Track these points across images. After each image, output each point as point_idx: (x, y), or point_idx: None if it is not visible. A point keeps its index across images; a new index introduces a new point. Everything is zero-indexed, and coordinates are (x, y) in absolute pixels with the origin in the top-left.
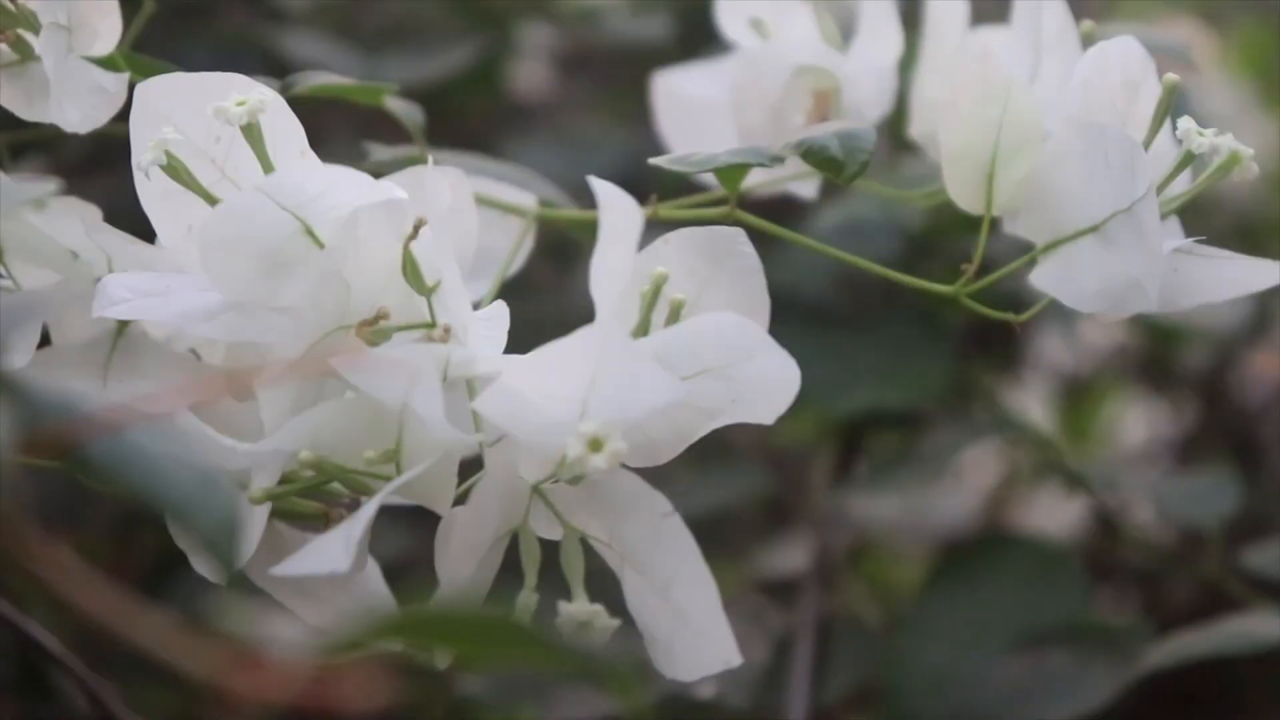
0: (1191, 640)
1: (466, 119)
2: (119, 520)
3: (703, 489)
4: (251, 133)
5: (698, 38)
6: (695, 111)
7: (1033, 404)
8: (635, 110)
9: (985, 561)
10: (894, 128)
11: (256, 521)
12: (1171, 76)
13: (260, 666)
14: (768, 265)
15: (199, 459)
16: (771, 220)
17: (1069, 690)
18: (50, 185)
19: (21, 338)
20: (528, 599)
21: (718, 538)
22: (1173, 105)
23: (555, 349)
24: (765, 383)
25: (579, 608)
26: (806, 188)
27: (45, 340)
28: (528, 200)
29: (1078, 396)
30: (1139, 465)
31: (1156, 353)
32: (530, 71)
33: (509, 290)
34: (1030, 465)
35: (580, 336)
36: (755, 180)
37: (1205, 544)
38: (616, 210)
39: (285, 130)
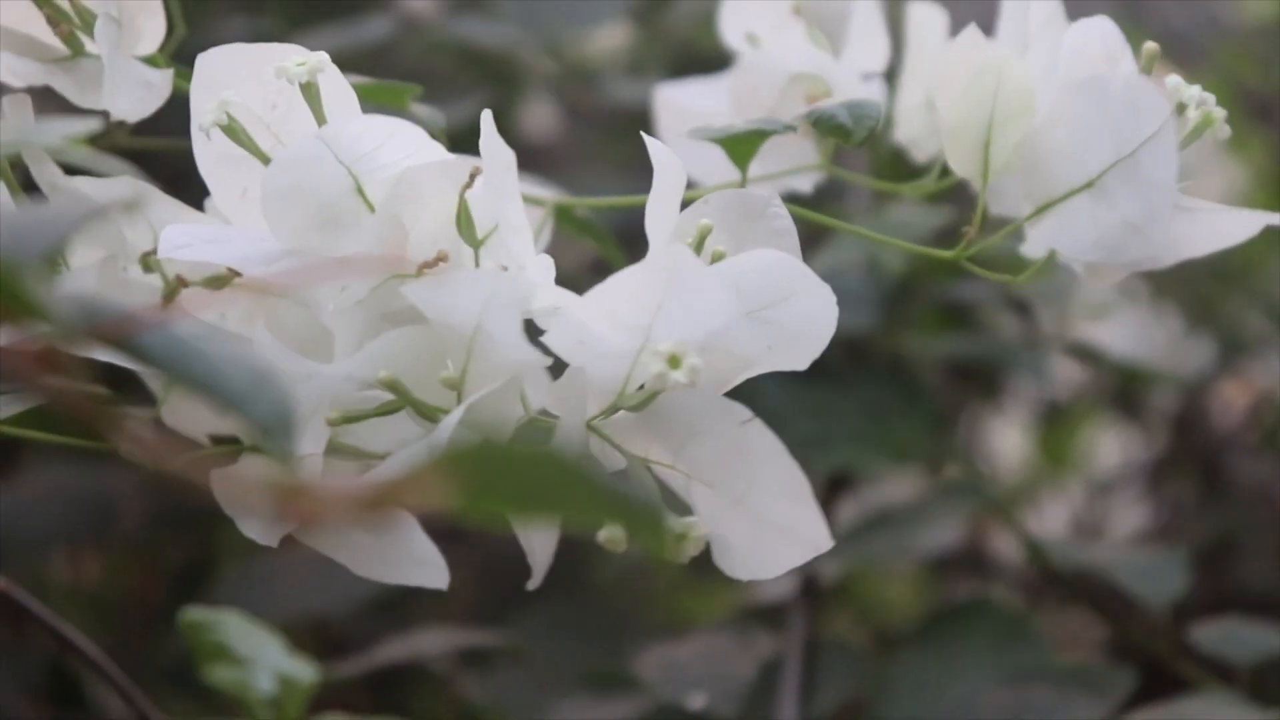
0: None
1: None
2: (145, 536)
3: None
4: (310, 91)
5: None
6: (694, 123)
7: (1012, 431)
8: (635, 157)
9: (952, 626)
10: (879, 167)
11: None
12: (1151, 45)
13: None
14: None
15: (251, 356)
16: None
17: (1054, 713)
18: (93, 122)
19: (74, 240)
20: (612, 533)
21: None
22: (1154, 68)
23: (619, 278)
24: (804, 321)
25: (675, 521)
26: (804, 182)
27: None
28: (547, 193)
29: (1055, 424)
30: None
31: (1127, 385)
32: (537, 114)
33: None
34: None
35: (644, 263)
36: (755, 174)
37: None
38: (667, 165)
39: (341, 93)
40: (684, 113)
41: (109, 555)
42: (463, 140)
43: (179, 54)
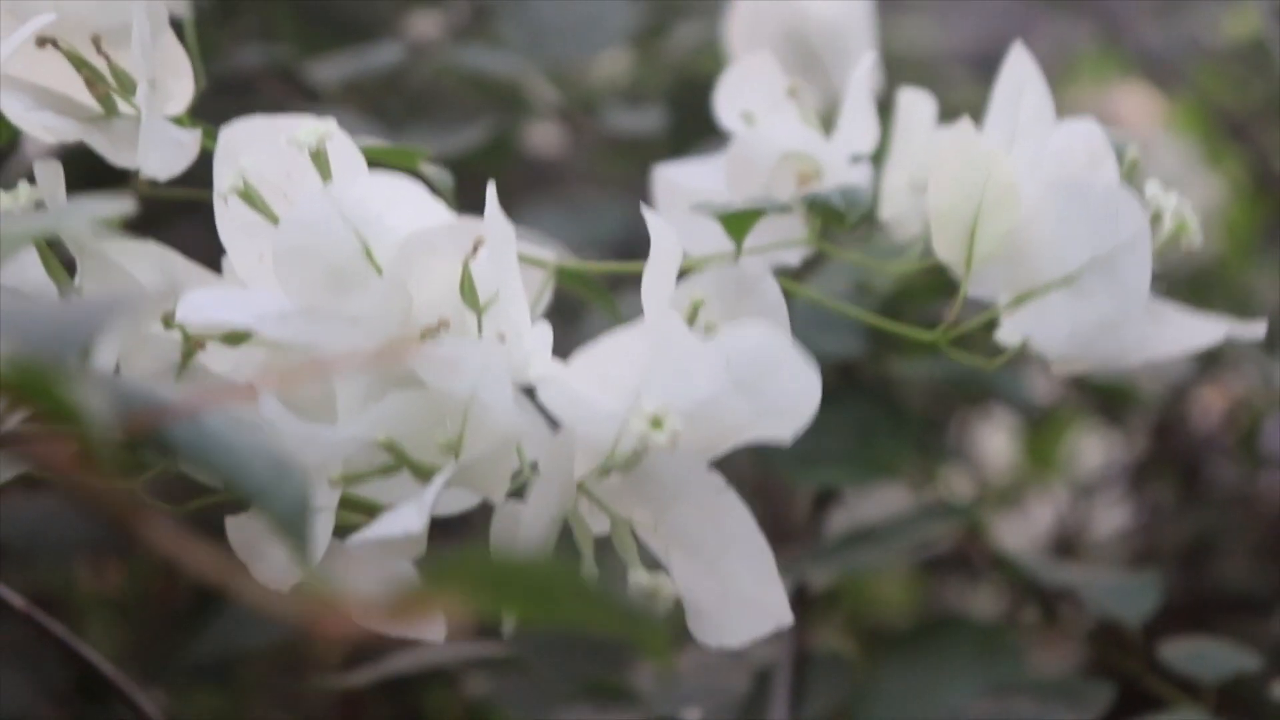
0: None
1: (481, 181)
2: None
3: None
4: (319, 158)
5: (691, 126)
6: (689, 200)
7: (999, 435)
8: (635, 179)
9: (931, 641)
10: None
11: (323, 528)
12: (1133, 151)
13: (336, 613)
14: None
15: (274, 447)
16: None
17: None
18: (128, 203)
19: (107, 343)
20: (589, 570)
21: None
22: (1134, 176)
23: (611, 342)
24: (789, 395)
25: (644, 577)
26: (792, 255)
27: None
28: (548, 255)
29: (1040, 428)
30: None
31: (1109, 394)
32: (542, 132)
33: None
34: (997, 494)
35: (637, 328)
36: (748, 246)
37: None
38: (665, 239)
39: (349, 158)
40: (681, 191)
41: (130, 561)
42: (470, 164)
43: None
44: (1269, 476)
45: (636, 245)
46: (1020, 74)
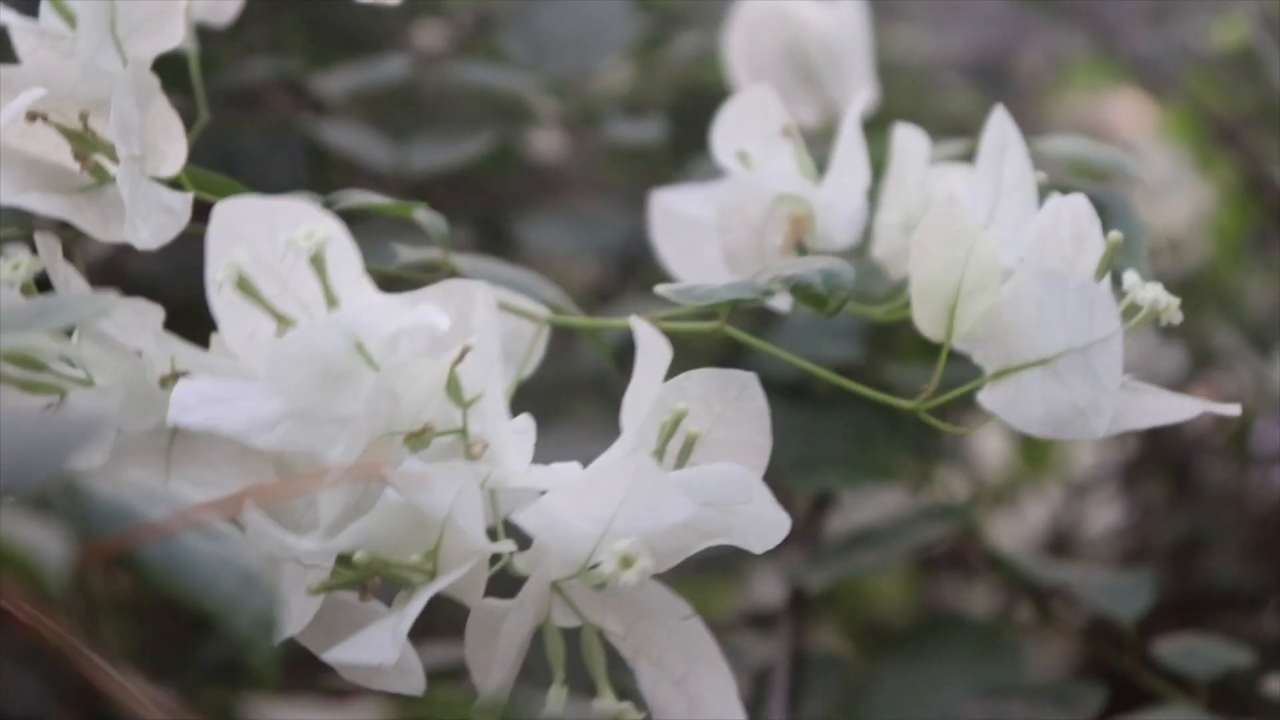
0: None
1: (485, 189)
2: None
3: None
4: (317, 263)
5: (690, 135)
6: (687, 227)
7: (995, 437)
8: (636, 186)
9: (928, 641)
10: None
11: (309, 603)
12: (1115, 235)
13: None
14: (751, 355)
15: (243, 560)
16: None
17: None
18: (112, 297)
19: (94, 447)
20: (559, 693)
21: (716, 558)
22: (1115, 258)
23: (590, 476)
24: (759, 522)
25: (610, 705)
26: (782, 303)
27: None
28: (540, 309)
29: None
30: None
31: None
32: (544, 139)
33: None
34: (992, 494)
35: (614, 466)
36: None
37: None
38: (652, 347)
39: (344, 257)
40: (677, 217)
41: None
42: (474, 172)
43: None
44: (1258, 475)
45: (635, 253)
46: (1002, 137)
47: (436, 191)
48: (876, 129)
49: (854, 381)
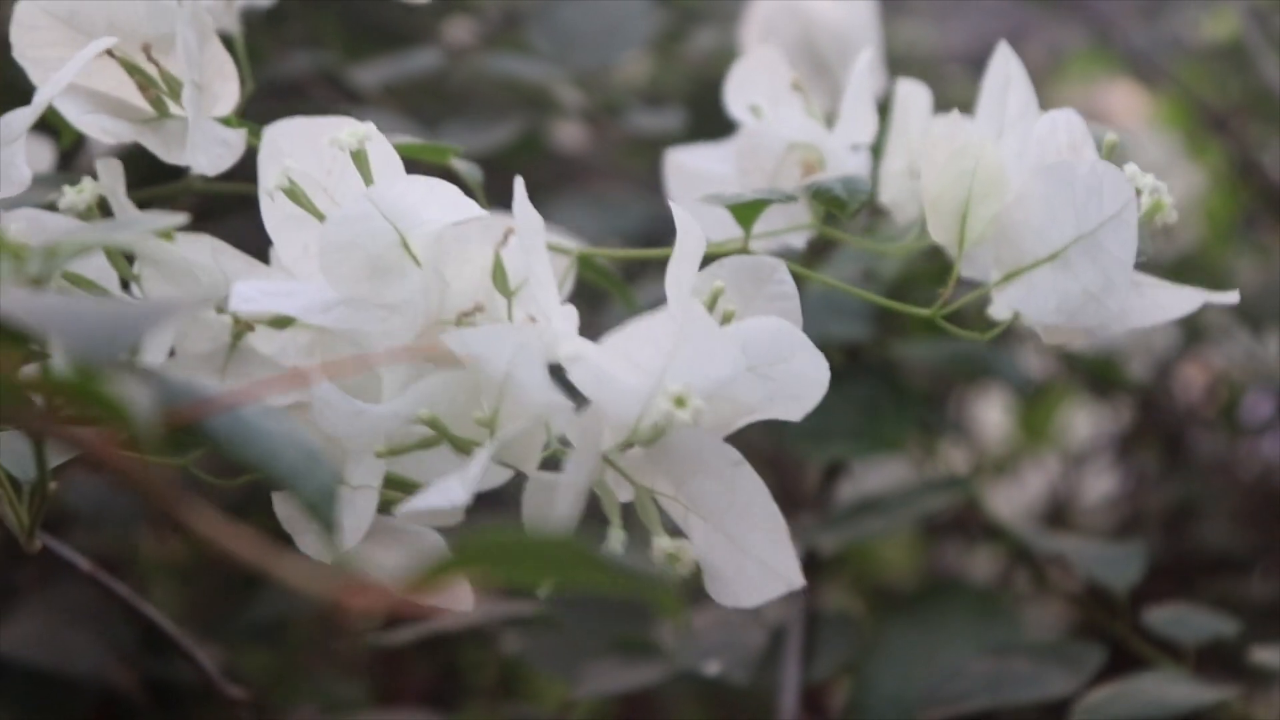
0: (1110, 700)
1: (511, 176)
2: (225, 510)
3: None
4: (359, 158)
5: (707, 126)
6: (699, 183)
7: (995, 409)
8: (656, 173)
9: (933, 604)
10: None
11: (367, 506)
12: (1112, 136)
13: (365, 588)
14: None
15: (305, 436)
16: None
17: (1033, 683)
18: (180, 217)
19: (157, 338)
20: (617, 534)
21: None
22: (1113, 160)
23: (638, 326)
24: (800, 380)
25: (667, 542)
26: (798, 239)
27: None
28: (572, 244)
29: (1034, 402)
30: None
31: (1098, 368)
32: (568, 129)
33: None
34: (993, 461)
35: (662, 314)
36: (756, 231)
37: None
38: (689, 231)
39: (387, 158)
40: (691, 174)
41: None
42: (501, 160)
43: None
44: (1247, 445)
45: (656, 237)
46: (1006, 70)
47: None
48: (884, 116)
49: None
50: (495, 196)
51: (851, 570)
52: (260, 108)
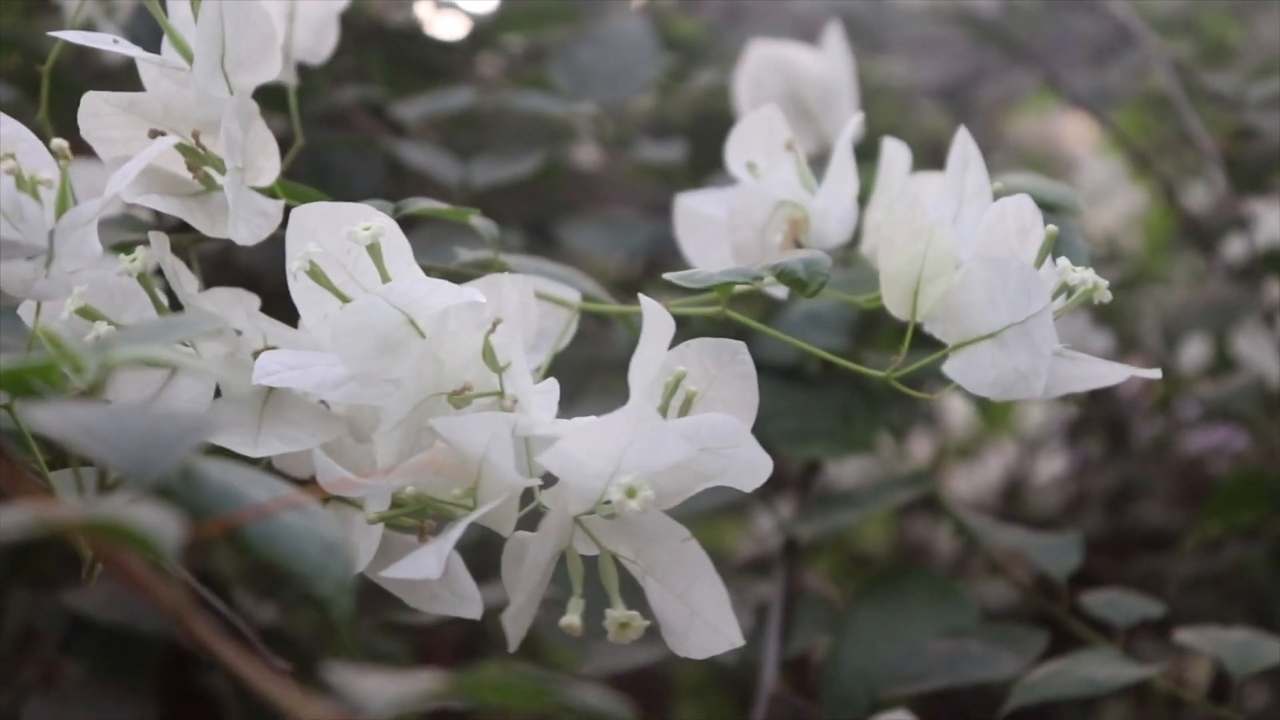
0: (1047, 680)
1: (535, 197)
2: None
3: None
4: (374, 250)
5: (706, 155)
6: (704, 225)
7: (958, 400)
8: (661, 196)
9: (897, 587)
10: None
11: (373, 535)
12: (1052, 228)
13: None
14: (754, 342)
15: (325, 531)
16: (755, 308)
17: (984, 664)
18: (222, 319)
19: (199, 389)
20: (577, 604)
21: (725, 507)
22: (1053, 247)
23: (601, 421)
24: (747, 465)
25: (620, 613)
26: (779, 290)
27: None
28: (573, 295)
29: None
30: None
31: None
32: (585, 151)
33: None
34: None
35: (621, 413)
36: (742, 285)
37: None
38: (657, 319)
39: (398, 247)
40: (697, 216)
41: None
42: (526, 184)
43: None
44: (1181, 435)
45: (659, 252)
46: (965, 153)
47: (492, 199)
48: (863, 142)
49: (839, 368)
50: (517, 219)
51: (830, 547)
52: (313, 137)
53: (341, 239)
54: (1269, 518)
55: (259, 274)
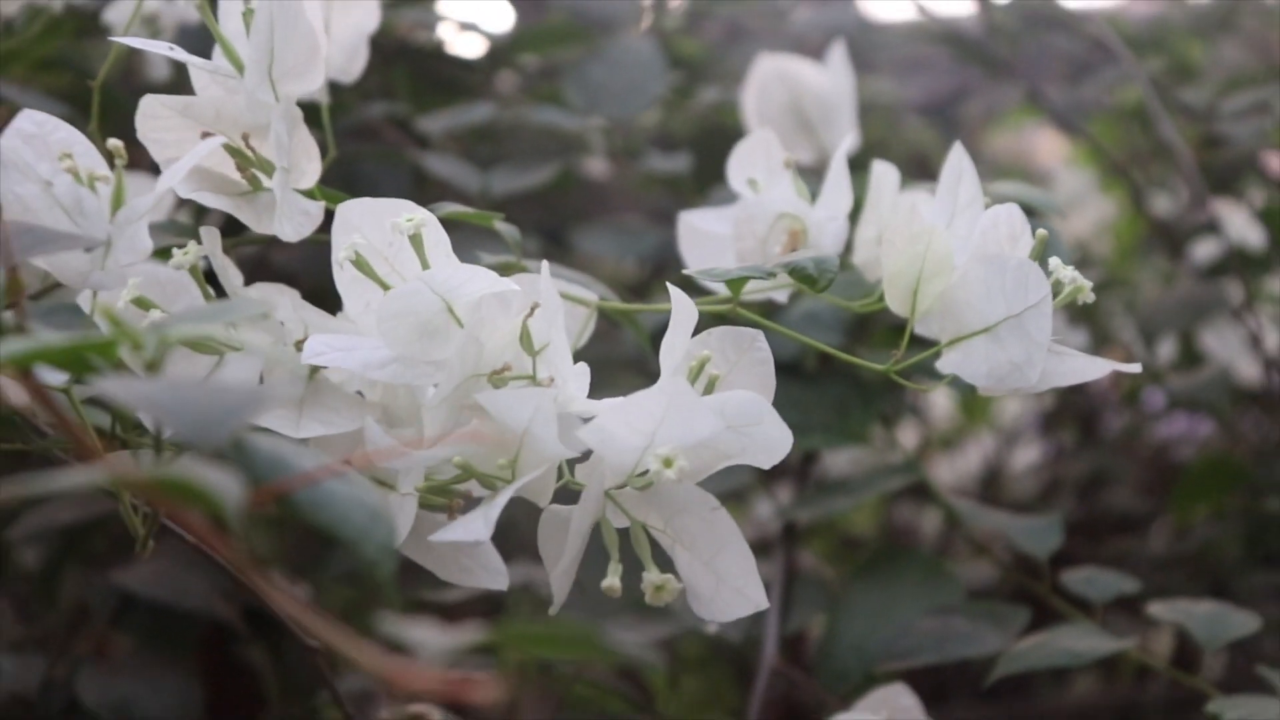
0: (1030, 652)
1: (550, 205)
2: None
3: None
4: (415, 241)
5: (709, 167)
6: (705, 240)
7: (943, 394)
8: (668, 205)
9: (888, 568)
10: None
11: (409, 511)
12: (1042, 231)
13: (410, 666)
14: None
15: (370, 498)
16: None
17: (971, 641)
18: (269, 300)
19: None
20: (615, 568)
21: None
22: (1043, 250)
23: (636, 397)
24: (768, 441)
25: (655, 576)
26: (781, 296)
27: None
28: (591, 296)
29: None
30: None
31: None
32: (595, 162)
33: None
34: (941, 437)
35: (656, 389)
36: (749, 290)
37: (1037, 568)
38: (683, 307)
39: (437, 239)
40: (699, 232)
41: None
42: (542, 193)
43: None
44: (1148, 426)
45: (665, 257)
46: (959, 165)
47: (510, 207)
48: (854, 155)
49: (835, 364)
50: (532, 226)
51: (822, 531)
52: (343, 149)
53: (384, 232)
54: (1235, 500)
55: (294, 275)
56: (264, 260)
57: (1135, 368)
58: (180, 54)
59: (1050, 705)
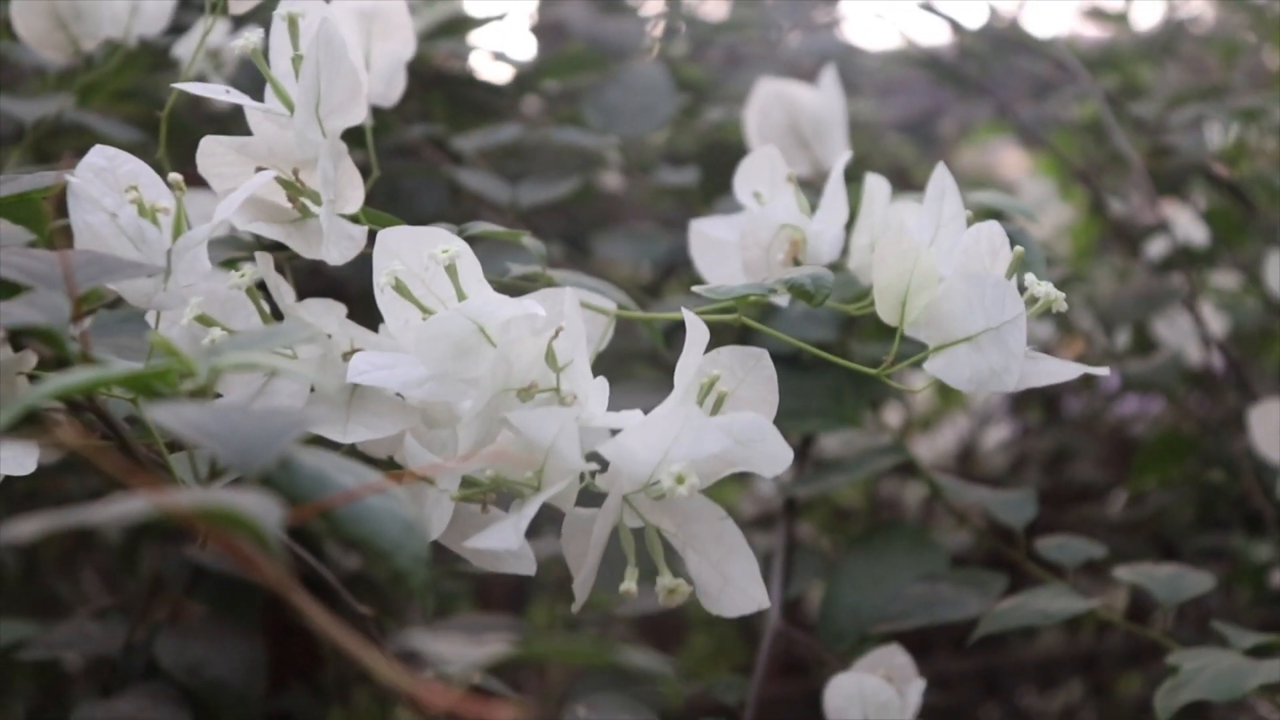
0: (1009, 612)
1: (572, 215)
2: None
3: None
4: (450, 270)
5: (715, 180)
6: (713, 245)
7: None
8: (677, 214)
9: (881, 538)
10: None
11: (445, 508)
12: (1019, 249)
13: (431, 685)
14: (761, 338)
15: (404, 511)
16: (762, 309)
17: (955, 605)
18: (316, 328)
19: (295, 387)
20: (632, 572)
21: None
22: (1019, 266)
23: (652, 418)
24: (770, 456)
25: (669, 580)
26: (782, 300)
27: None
28: (610, 305)
29: None
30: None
31: None
32: (611, 176)
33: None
34: (920, 419)
35: (670, 412)
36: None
37: (1013, 537)
38: (697, 330)
39: (470, 266)
40: (709, 240)
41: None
42: (564, 204)
43: (381, 149)
44: (1106, 406)
45: (675, 261)
46: (943, 183)
47: (536, 216)
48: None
49: (829, 356)
50: (556, 234)
51: (817, 504)
52: (386, 167)
53: (421, 257)
54: (1184, 471)
55: (344, 280)
56: (317, 268)
57: (1104, 371)
58: (235, 96)
59: (1020, 656)
